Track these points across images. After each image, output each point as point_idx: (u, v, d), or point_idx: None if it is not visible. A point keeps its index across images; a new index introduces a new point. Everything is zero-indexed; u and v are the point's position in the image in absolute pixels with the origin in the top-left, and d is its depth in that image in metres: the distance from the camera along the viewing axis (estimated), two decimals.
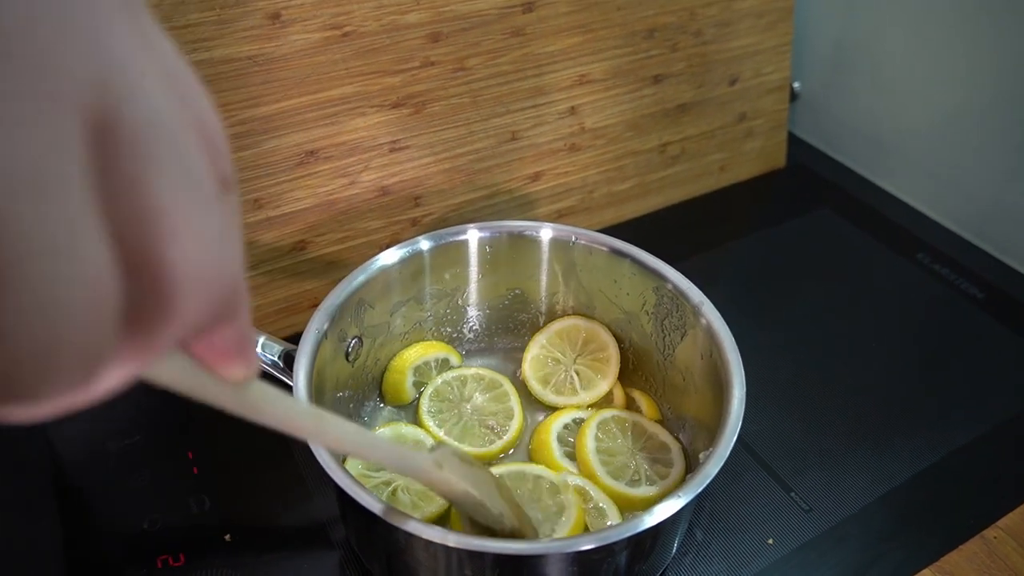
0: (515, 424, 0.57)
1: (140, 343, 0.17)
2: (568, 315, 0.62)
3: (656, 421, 0.57)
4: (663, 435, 0.56)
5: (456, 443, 0.55)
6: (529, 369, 0.61)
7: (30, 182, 0.13)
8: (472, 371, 0.61)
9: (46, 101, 0.14)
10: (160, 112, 0.17)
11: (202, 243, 0.17)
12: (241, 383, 0.23)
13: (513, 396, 0.59)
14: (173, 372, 0.21)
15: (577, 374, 0.60)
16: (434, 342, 0.62)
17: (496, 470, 0.51)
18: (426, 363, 0.60)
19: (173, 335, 0.18)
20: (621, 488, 0.52)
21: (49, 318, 0.14)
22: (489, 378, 0.60)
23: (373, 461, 0.37)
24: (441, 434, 0.55)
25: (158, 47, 0.18)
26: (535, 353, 0.62)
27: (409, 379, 0.59)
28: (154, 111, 0.16)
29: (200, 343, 0.21)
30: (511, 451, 0.57)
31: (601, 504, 0.51)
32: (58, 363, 0.15)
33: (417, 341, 0.61)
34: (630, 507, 0.51)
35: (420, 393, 0.59)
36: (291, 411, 0.27)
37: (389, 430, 0.54)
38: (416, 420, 0.57)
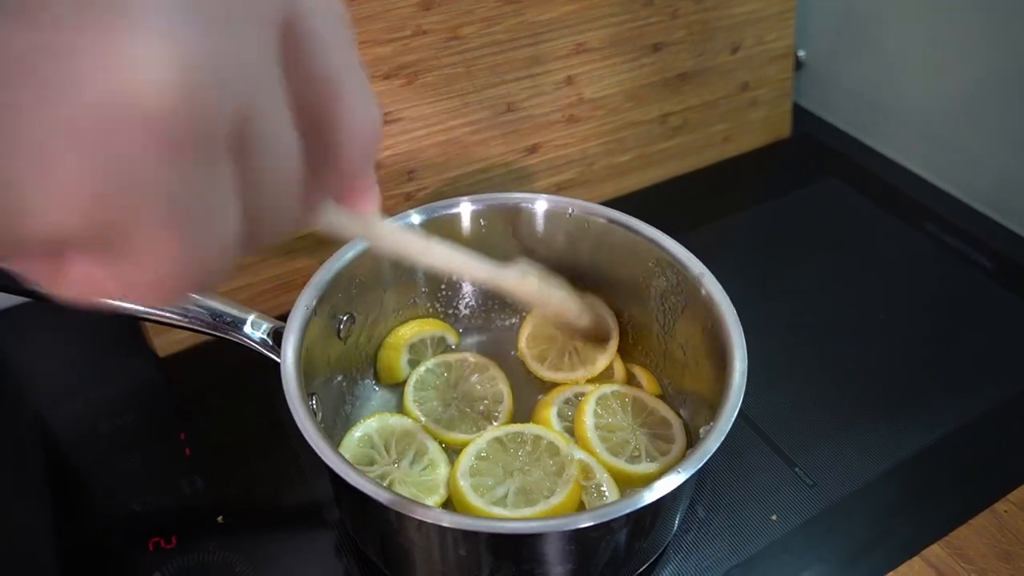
0: (505, 407, 0.56)
1: (319, 185, 0.23)
2: None
3: (657, 396, 0.56)
4: (664, 410, 0.54)
5: (446, 431, 0.54)
6: (526, 347, 0.59)
7: (255, 82, 0.18)
8: (455, 357, 0.59)
9: (257, 21, 0.18)
10: (315, 2, 0.20)
11: (362, 97, 0.22)
12: (372, 216, 0.28)
13: (501, 379, 0.57)
14: (326, 215, 0.25)
15: (575, 350, 0.58)
16: (430, 319, 0.60)
17: (493, 432, 0.51)
18: (422, 340, 0.59)
19: (341, 179, 0.23)
20: (620, 465, 0.50)
21: (270, 180, 0.19)
22: (475, 362, 0.59)
23: (471, 278, 0.44)
24: (430, 423, 0.54)
25: None
26: (531, 331, 0.60)
27: (404, 357, 0.58)
28: (313, 4, 0.20)
29: (347, 188, 0.26)
30: None
31: (603, 486, 0.49)
32: (276, 208, 0.20)
33: (412, 318, 0.60)
34: (629, 484, 0.50)
35: (405, 380, 0.58)
36: (405, 237, 0.32)
37: (376, 420, 0.53)
38: (402, 409, 0.56)
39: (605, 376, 0.58)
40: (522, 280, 0.43)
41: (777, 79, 0.84)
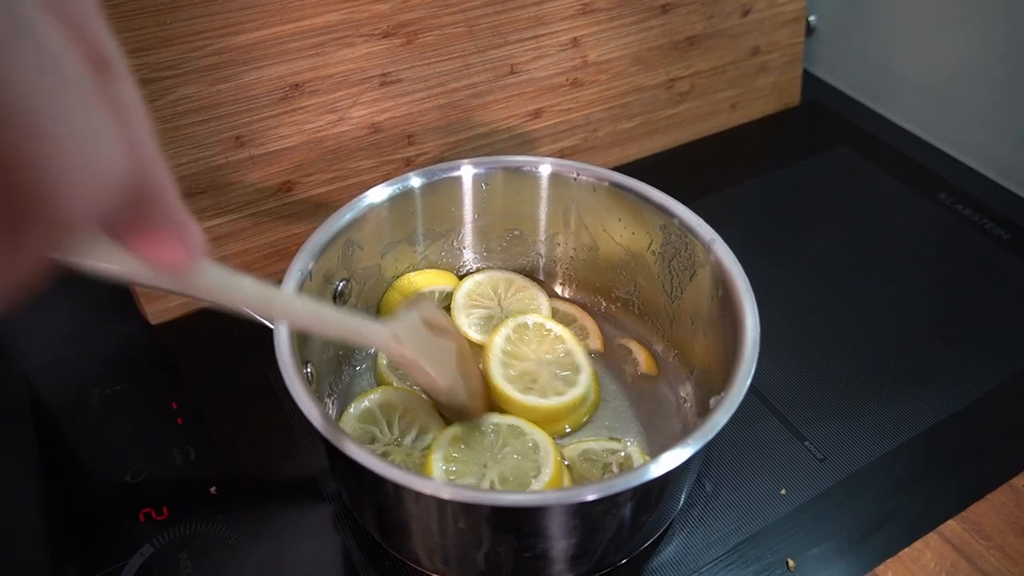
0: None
1: (19, 243, 0.16)
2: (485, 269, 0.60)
3: (653, 376, 0.55)
4: (580, 357, 0.53)
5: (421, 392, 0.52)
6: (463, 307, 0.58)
7: None
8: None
9: None
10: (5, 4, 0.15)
11: (72, 135, 0.16)
12: (182, 267, 0.23)
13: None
14: (119, 267, 0.21)
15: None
16: (443, 272, 0.59)
17: (452, 431, 0.48)
18: (431, 292, 0.58)
19: (62, 230, 0.17)
20: (510, 392, 0.50)
21: None
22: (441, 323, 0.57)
23: (329, 336, 0.37)
24: (404, 385, 0.53)
25: None
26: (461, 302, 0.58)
27: None
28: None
29: (127, 233, 0.21)
30: None
31: (535, 439, 0.48)
32: None
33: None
34: (513, 411, 0.49)
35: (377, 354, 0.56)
36: (240, 289, 0.27)
37: (379, 393, 0.51)
38: (376, 378, 0.55)
39: (580, 336, 0.57)
40: (392, 344, 0.39)
41: (788, 44, 0.82)
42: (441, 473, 0.45)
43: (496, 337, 0.52)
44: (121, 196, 0.18)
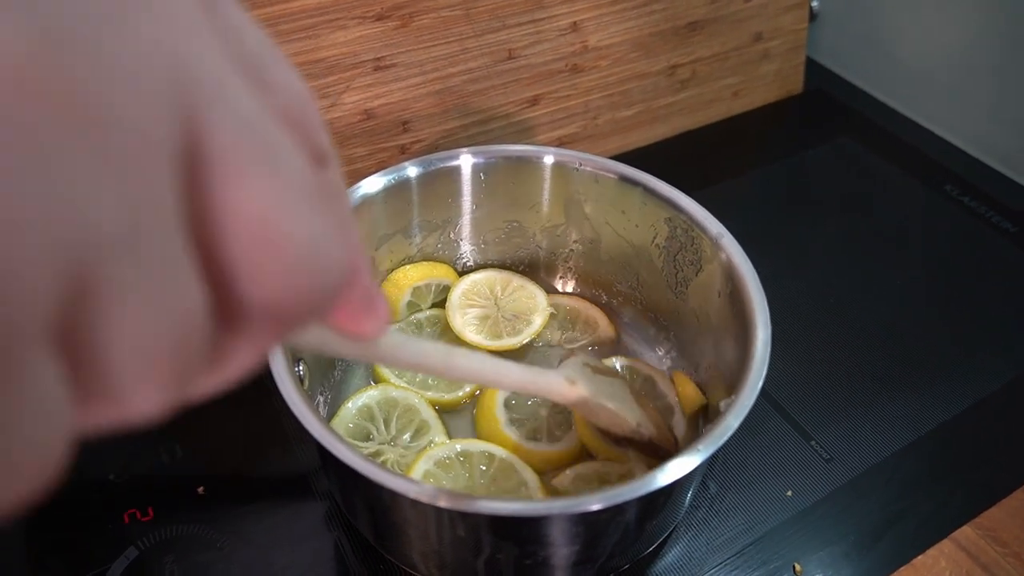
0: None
1: (259, 335, 0.17)
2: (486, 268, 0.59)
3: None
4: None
5: (421, 389, 0.51)
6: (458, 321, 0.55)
7: (126, 243, 0.12)
8: (427, 313, 0.57)
9: (129, 151, 0.12)
10: (246, 112, 0.15)
11: (308, 234, 0.16)
12: (371, 339, 0.23)
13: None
14: (312, 341, 0.22)
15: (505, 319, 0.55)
16: (440, 264, 0.57)
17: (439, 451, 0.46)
18: (427, 285, 0.56)
19: (296, 324, 0.17)
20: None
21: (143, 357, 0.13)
22: (445, 322, 0.56)
23: (506, 387, 0.36)
24: (403, 383, 0.51)
25: (231, 23, 0.16)
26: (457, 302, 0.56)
27: (405, 298, 0.55)
28: (239, 114, 0.15)
29: (332, 313, 0.22)
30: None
31: (525, 478, 0.46)
32: (148, 373, 0.14)
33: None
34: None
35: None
36: (422, 353, 0.28)
37: (379, 390, 0.50)
38: (374, 376, 0.53)
39: (589, 330, 0.56)
40: (568, 388, 0.39)
41: (791, 30, 0.80)
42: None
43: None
44: (342, 280, 0.18)
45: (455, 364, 0.30)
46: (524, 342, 0.54)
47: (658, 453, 0.44)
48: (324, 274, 0.17)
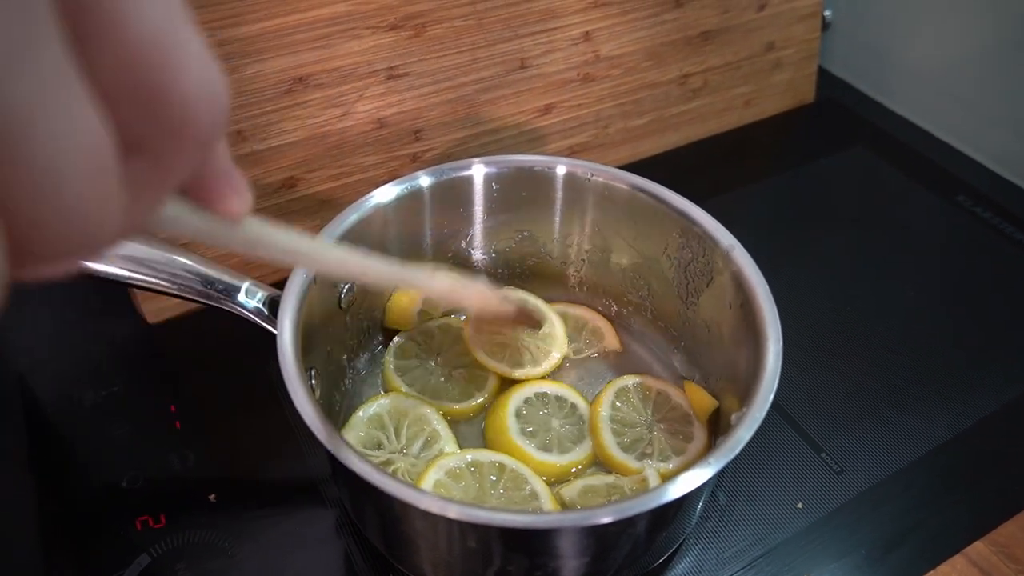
0: (492, 379, 0.53)
1: (159, 176, 0.17)
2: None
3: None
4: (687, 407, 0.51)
5: (432, 399, 0.51)
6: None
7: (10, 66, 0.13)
8: (439, 322, 0.56)
9: None
10: None
11: (200, 60, 0.16)
12: (238, 217, 0.23)
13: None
14: (175, 218, 0.21)
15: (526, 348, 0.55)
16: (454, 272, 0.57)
17: (449, 460, 0.46)
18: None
19: (189, 163, 0.18)
20: (628, 462, 0.48)
21: (51, 185, 0.14)
22: (457, 327, 0.56)
23: (371, 280, 0.37)
24: (413, 391, 0.51)
25: None
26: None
27: (417, 307, 0.55)
28: None
29: (194, 183, 0.21)
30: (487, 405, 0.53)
31: (535, 488, 0.46)
32: (69, 222, 0.15)
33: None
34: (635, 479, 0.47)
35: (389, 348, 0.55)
36: (288, 240, 0.27)
37: (390, 399, 0.50)
38: (384, 384, 0.53)
39: (595, 340, 0.56)
40: (432, 277, 0.40)
41: (803, 39, 0.80)
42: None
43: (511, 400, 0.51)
44: (219, 126, 0.18)
45: (320, 256, 0.30)
46: (544, 373, 0.54)
47: (531, 322, 0.50)
48: (220, 85, 0.17)
